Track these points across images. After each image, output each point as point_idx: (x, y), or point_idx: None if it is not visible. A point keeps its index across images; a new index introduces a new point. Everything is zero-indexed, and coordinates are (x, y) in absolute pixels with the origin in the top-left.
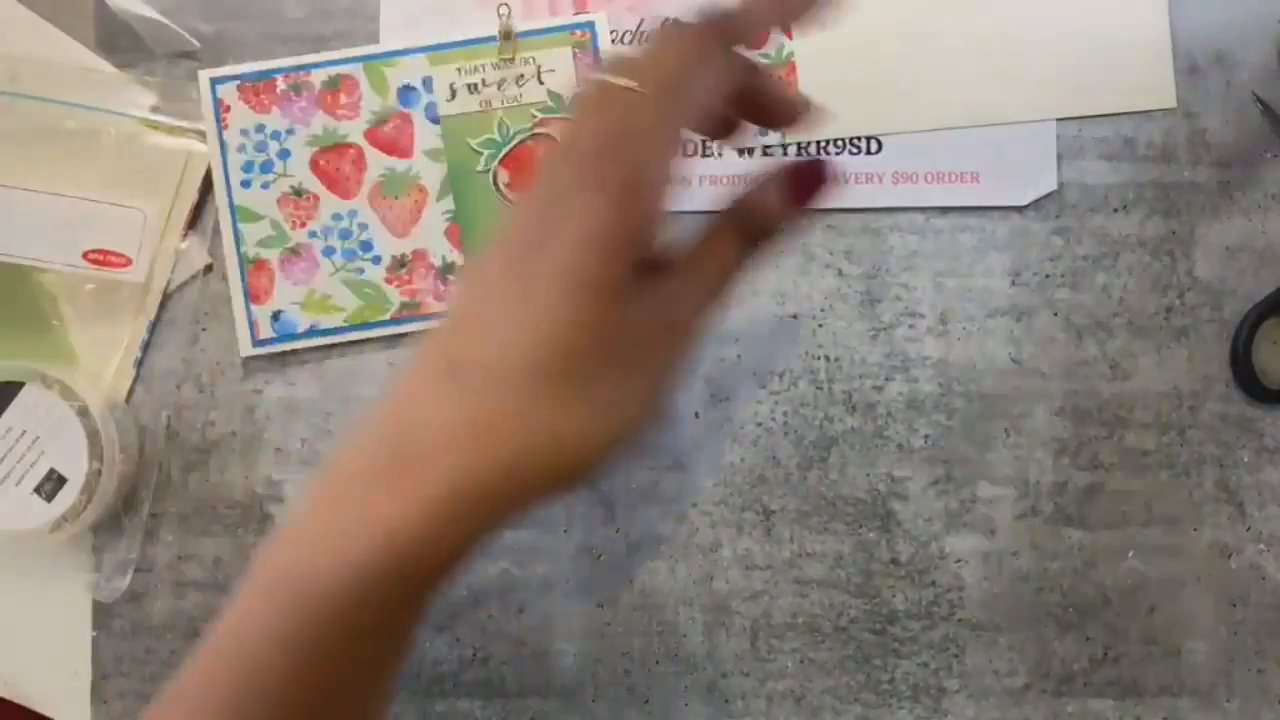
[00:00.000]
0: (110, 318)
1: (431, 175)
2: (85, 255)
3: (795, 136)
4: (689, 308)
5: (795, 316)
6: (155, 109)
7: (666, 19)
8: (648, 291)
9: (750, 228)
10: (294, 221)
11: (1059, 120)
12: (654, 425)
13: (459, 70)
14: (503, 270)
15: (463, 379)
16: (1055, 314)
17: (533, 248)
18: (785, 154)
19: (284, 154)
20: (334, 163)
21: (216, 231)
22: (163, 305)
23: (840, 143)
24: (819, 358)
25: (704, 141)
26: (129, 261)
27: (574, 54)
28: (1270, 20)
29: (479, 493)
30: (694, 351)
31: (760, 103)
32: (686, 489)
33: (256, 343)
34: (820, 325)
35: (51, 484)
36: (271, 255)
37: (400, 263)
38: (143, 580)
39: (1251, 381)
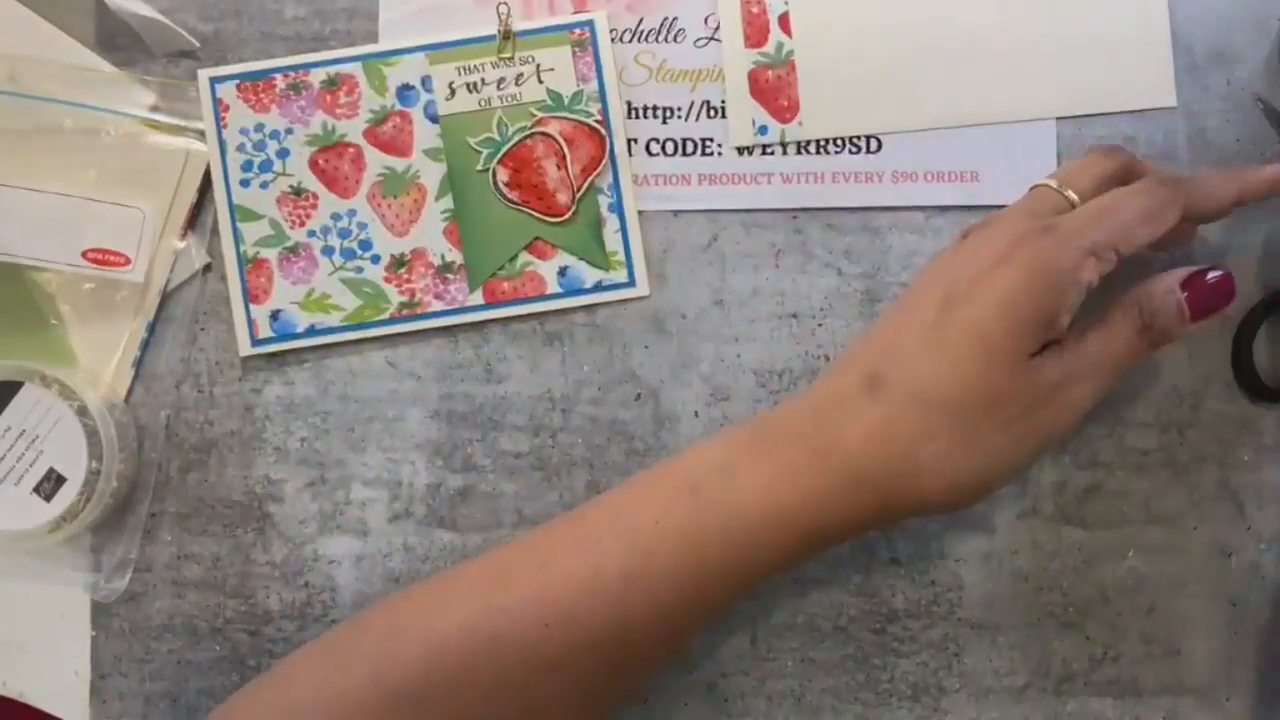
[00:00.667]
0: (109, 317)
1: (431, 174)
2: (84, 254)
3: (803, 136)
4: (1078, 389)
5: (795, 315)
6: (154, 108)
7: (1111, 147)
8: (1045, 365)
9: (1148, 330)
10: (293, 221)
11: (1059, 119)
12: (1018, 480)
13: (458, 69)
14: (927, 310)
15: (880, 394)
16: None
17: (955, 300)
18: (785, 153)
19: (283, 153)
20: (333, 162)
21: (215, 231)
22: (161, 304)
23: (840, 142)
24: (819, 358)
25: (704, 140)
26: (128, 261)
27: (573, 53)
28: (1271, 18)
29: (868, 484)
30: (1074, 424)
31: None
32: None
33: (255, 342)
34: (820, 325)
35: (50, 484)
36: (270, 254)
37: (399, 262)
38: (141, 580)
39: (1252, 380)
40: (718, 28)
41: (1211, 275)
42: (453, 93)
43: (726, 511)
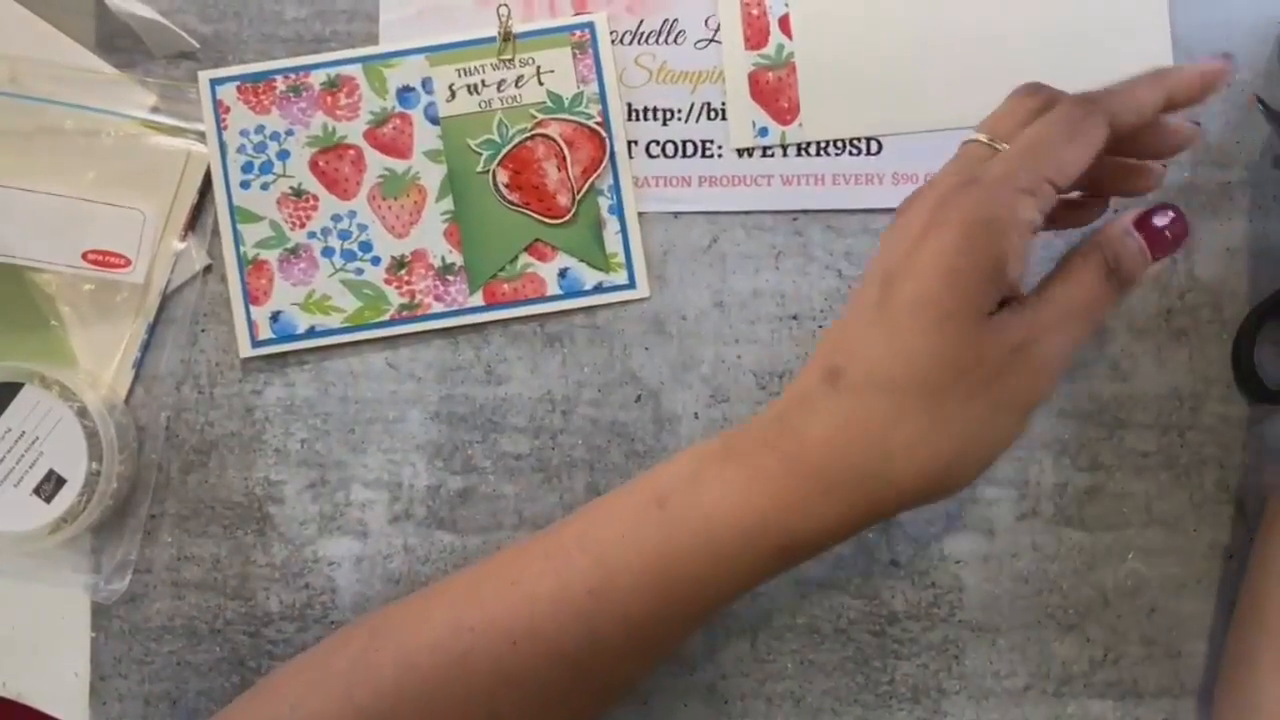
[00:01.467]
0: (109, 318)
1: (431, 176)
2: (84, 256)
3: (803, 137)
4: (1048, 345)
5: (795, 317)
6: (155, 110)
7: (1032, 85)
8: (1006, 322)
9: (1115, 273)
10: (293, 222)
11: None
12: (1006, 451)
13: (458, 71)
14: (871, 292)
15: (842, 387)
16: None
17: (894, 276)
18: (785, 154)
19: (283, 155)
20: (333, 163)
21: (216, 232)
22: (162, 306)
23: (840, 143)
24: None
25: (704, 141)
26: (128, 262)
27: (573, 54)
28: (1270, 20)
29: (838, 485)
30: (1052, 384)
31: (1109, 171)
32: None
33: (255, 343)
34: (820, 325)
35: (51, 485)
36: (271, 256)
37: (399, 263)
38: (141, 581)
39: (1252, 382)
40: (718, 29)
41: (1160, 216)
42: (453, 94)
43: (694, 523)
